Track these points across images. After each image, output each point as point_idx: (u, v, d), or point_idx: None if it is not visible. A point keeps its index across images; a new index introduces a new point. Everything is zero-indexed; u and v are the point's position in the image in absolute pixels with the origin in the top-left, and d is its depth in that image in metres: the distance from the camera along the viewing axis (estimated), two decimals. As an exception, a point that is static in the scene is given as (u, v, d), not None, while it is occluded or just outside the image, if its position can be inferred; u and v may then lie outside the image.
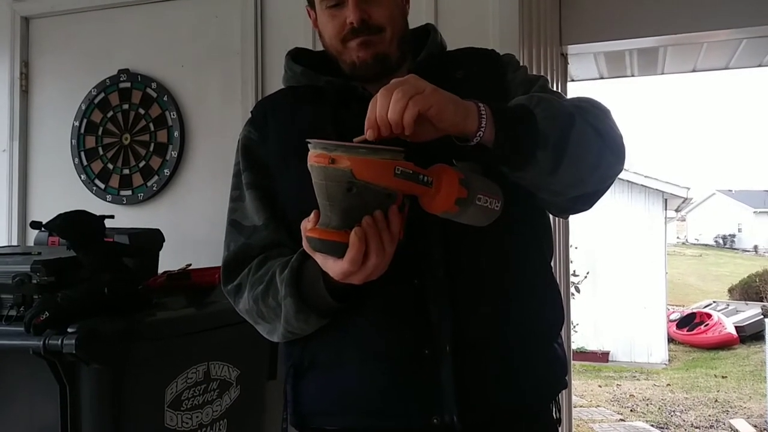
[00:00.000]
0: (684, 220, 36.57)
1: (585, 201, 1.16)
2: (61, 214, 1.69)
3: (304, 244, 1.01)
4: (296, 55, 1.34)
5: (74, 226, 1.68)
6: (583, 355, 10.71)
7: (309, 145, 0.96)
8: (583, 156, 1.04)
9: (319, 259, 1.00)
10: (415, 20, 1.42)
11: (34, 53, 2.86)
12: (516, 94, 1.13)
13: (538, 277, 1.22)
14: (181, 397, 1.75)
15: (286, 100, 1.30)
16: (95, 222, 1.73)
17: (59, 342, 1.44)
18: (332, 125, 1.18)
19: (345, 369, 1.13)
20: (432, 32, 1.32)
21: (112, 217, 1.83)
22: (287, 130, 1.25)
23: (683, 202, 14.17)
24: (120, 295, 1.60)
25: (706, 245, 33.98)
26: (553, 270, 1.29)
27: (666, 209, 12.45)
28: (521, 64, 1.38)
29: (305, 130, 1.16)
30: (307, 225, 0.99)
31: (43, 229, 1.66)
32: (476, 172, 0.99)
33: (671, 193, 12.26)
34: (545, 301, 1.21)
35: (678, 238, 35.86)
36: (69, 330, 1.47)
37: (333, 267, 0.98)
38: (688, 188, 12.58)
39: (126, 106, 2.66)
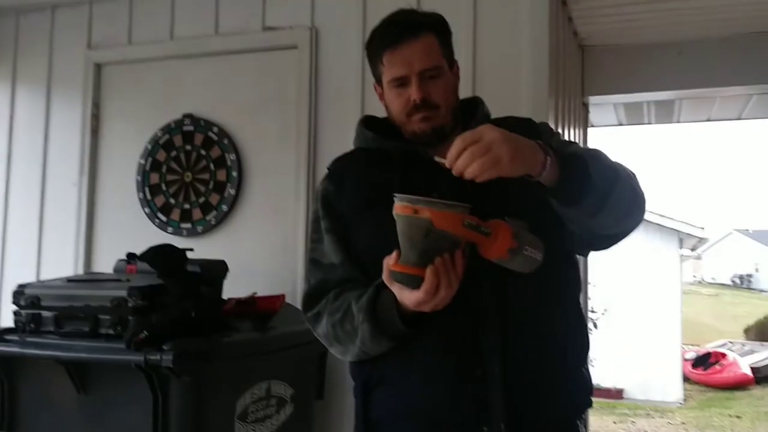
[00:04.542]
0: (700, 258, 36.39)
1: (607, 240, 1.41)
2: (152, 247, 1.96)
3: (385, 276, 1.25)
4: (366, 122, 1.60)
5: (163, 257, 1.94)
6: (598, 391, 10.79)
7: (395, 198, 1.21)
8: (619, 207, 1.30)
9: (396, 289, 1.25)
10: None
11: (105, 96, 3.16)
12: None
13: (570, 311, 1.47)
14: (248, 410, 1.99)
15: (358, 160, 1.56)
16: (179, 254, 2.00)
17: (158, 357, 1.69)
18: (399, 182, 1.43)
19: (410, 385, 1.37)
20: (480, 105, 1.58)
21: (192, 250, 2.09)
22: (360, 186, 1.50)
23: (699, 242, 14.29)
24: (204, 318, 1.85)
25: (722, 285, 33.79)
26: (581, 306, 1.53)
27: (681, 248, 12.56)
28: (549, 120, 1.62)
29: (376, 185, 1.43)
30: (389, 261, 1.23)
31: (137, 259, 1.92)
32: (524, 228, 1.23)
33: (686, 233, 12.39)
34: (576, 332, 1.47)
35: (694, 277, 35.67)
36: (164, 347, 1.72)
37: (409, 296, 1.22)
38: (703, 228, 12.71)
39: (189, 148, 2.94)
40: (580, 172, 1.23)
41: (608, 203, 1.25)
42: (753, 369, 12.49)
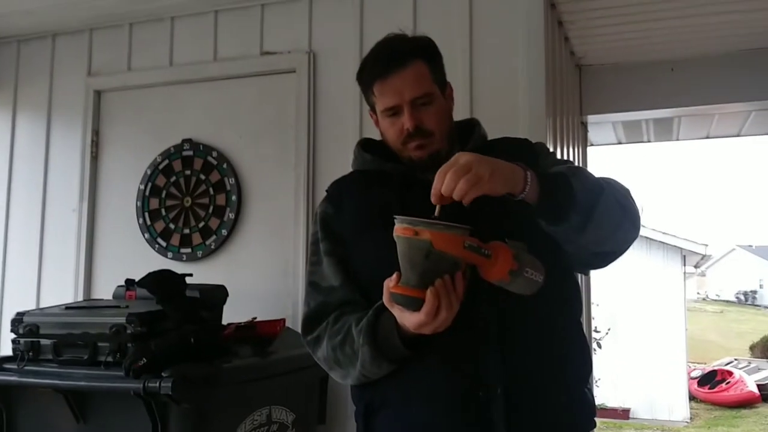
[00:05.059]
0: (704, 275, 36.27)
1: (603, 258, 1.40)
2: (150, 273, 1.94)
3: (386, 298, 1.24)
4: (364, 144, 1.60)
5: (162, 283, 1.93)
6: (604, 411, 10.69)
7: (396, 220, 1.20)
8: (607, 221, 1.29)
9: (397, 311, 1.24)
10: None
11: (105, 123, 3.17)
12: None
13: (571, 332, 1.46)
14: (249, 437, 1.97)
15: (357, 182, 1.56)
16: (178, 279, 1.99)
17: (157, 385, 1.68)
18: (398, 204, 1.43)
19: (412, 408, 1.36)
20: (477, 126, 1.58)
21: (191, 275, 2.09)
22: (360, 207, 1.50)
23: (702, 258, 14.23)
24: (203, 343, 1.84)
25: (727, 301, 33.62)
26: (582, 326, 1.52)
27: (684, 265, 12.53)
28: (547, 140, 1.62)
29: (375, 207, 1.44)
30: (390, 283, 1.22)
31: (136, 285, 1.91)
32: (524, 249, 1.22)
33: (689, 250, 12.36)
34: (578, 352, 1.45)
35: (698, 294, 35.50)
36: (164, 374, 1.71)
37: (410, 318, 1.22)
38: (706, 245, 12.68)
39: (188, 172, 2.94)
40: (562, 187, 1.24)
41: (594, 217, 1.25)
42: (759, 386, 12.39)
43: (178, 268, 2.71)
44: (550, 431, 1.35)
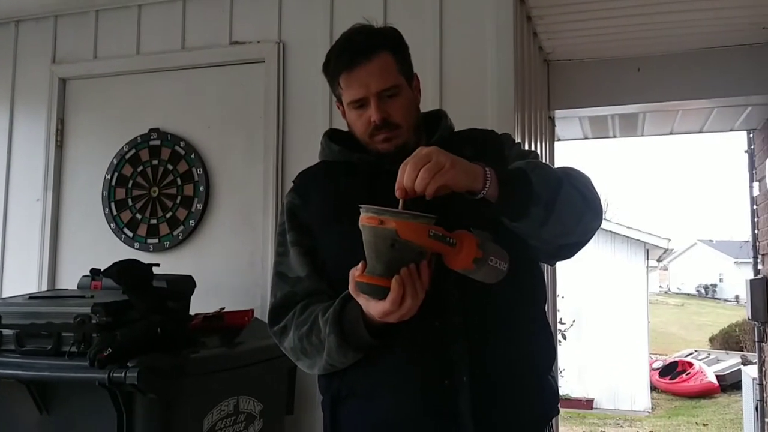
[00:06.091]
0: (666, 269, 36.97)
1: (569, 250, 1.43)
2: (116, 263, 1.93)
3: (351, 287, 1.25)
4: (331, 135, 1.61)
5: (128, 272, 1.92)
6: (568, 402, 10.86)
7: (361, 209, 1.21)
8: (568, 212, 1.31)
9: (363, 300, 1.25)
10: (423, 90, 1.66)
11: (70, 111, 3.12)
12: None
13: (535, 321, 1.49)
14: (215, 427, 1.97)
15: (324, 173, 1.57)
16: (145, 269, 1.98)
17: (123, 375, 1.67)
18: (365, 194, 1.43)
19: (378, 398, 1.37)
20: (443, 118, 1.59)
21: (157, 265, 2.07)
22: (326, 198, 1.51)
23: (664, 252, 14.51)
24: (170, 334, 1.83)
25: (688, 294, 34.29)
26: (547, 315, 1.55)
27: (648, 259, 12.75)
28: (515, 134, 1.64)
29: (342, 197, 1.45)
30: (355, 272, 1.23)
31: (102, 275, 1.89)
32: (489, 239, 1.24)
33: (652, 244, 12.59)
34: (542, 340, 1.48)
35: (660, 287, 36.17)
36: (129, 364, 1.70)
37: (375, 307, 1.23)
38: (669, 239, 12.93)
39: (155, 162, 2.92)
40: (521, 183, 1.26)
41: (555, 211, 1.27)
42: (718, 377, 12.70)
43: (145, 258, 2.67)
44: (516, 419, 1.38)
